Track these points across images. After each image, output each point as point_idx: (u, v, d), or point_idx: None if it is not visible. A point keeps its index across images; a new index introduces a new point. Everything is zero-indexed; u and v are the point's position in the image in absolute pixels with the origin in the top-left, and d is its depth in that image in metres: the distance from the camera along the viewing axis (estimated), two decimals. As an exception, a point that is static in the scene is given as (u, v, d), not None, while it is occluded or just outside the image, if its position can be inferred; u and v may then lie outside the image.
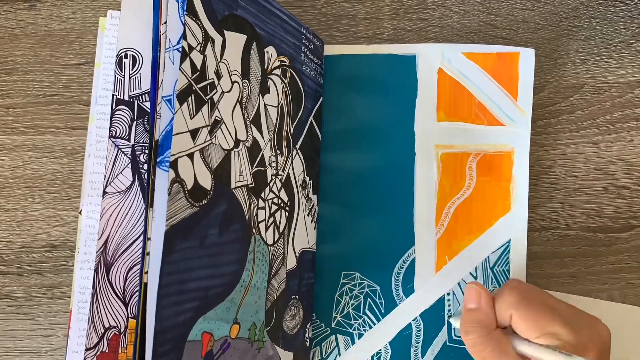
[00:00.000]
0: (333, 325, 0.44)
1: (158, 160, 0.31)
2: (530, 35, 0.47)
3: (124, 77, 0.35)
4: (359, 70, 0.46)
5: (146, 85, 0.35)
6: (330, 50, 0.46)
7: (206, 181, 0.33)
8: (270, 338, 0.37)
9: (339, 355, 0.44)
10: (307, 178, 0.42)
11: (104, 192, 0.34)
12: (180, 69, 0.32)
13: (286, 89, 0.40)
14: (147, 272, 0.29)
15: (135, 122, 0.35)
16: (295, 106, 0.41)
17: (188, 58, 0.32)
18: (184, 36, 0.32)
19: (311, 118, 0.43)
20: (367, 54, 0.46)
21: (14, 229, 0.45)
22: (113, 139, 0.35)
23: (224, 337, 0.33)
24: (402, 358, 0.44)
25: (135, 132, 0.35)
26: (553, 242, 0.46)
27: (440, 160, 0.45)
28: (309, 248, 0.42)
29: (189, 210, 0.31)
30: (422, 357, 0.43)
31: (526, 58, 0.45)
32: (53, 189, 0.45)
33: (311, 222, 0.42)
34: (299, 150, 0.41)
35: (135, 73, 0.35)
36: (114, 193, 0.34)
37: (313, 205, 0.43)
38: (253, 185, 0.36)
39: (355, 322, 0.44)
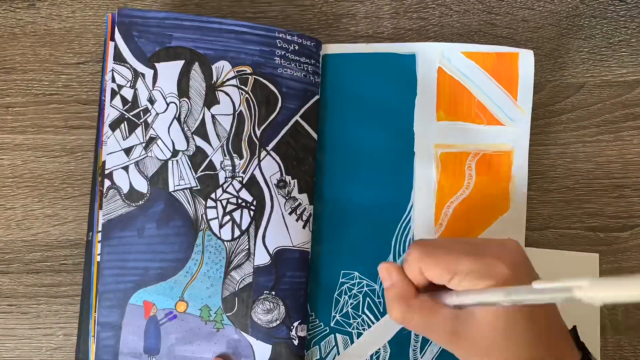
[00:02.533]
0: (332, 325, 0.44)
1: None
2: (530, 35, 0.47)
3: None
4: (358, 69, 0.46)
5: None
6: (329, 49, 0.46)
7: (142, 186, 0.41)
8: (232, 323, 0.41)
9: (338, 354, 0.44)
10: (288, 177, 0.42)
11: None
12: (111, 105, 0.41)
13: (247, 95, 0.42)
14: (99, 254, 0.41)
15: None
16: (263, 109, 0.43)
17: (118, 95, 0.41)
18: (112, 79, 0.41)
19: (297, 118, 0.43)
20: (367, 52, 0.46)
21: (14, 228, 0.45)
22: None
23: (169, 309, 0.41)
24: (401, 357, 0.44)
25: None
26: (553, 242, 0.46)
27: (440, 159, 0.45)
28: (292, 247, 0.42)
29: (126, 209, 0.41)
30: (421, 357, 0.43)
31: (526, 58, 0.45)
32: (52, 188, 0.45)
33: (296, 220, 0.42)
34: (270, 152, 0.42)
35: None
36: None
37: (299, 204, 0.43)
38: (198, 187, 0.42)
39: (354, 322, 0.44)
